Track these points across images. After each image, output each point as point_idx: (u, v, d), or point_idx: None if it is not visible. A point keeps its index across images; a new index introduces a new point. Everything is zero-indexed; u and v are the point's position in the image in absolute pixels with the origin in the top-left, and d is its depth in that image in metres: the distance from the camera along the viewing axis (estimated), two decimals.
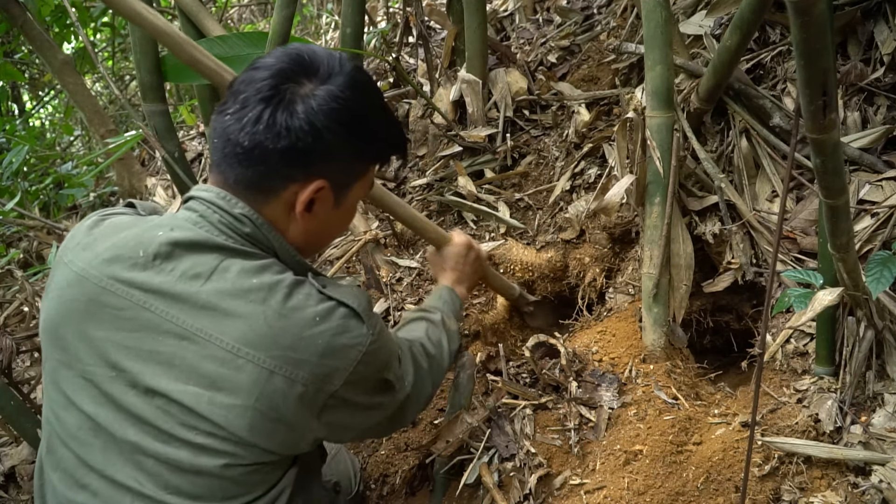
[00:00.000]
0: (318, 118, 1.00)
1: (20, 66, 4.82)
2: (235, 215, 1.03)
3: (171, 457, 0.99)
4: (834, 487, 1.32)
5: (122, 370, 0.99)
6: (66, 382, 1.04)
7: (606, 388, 1.57)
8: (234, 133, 1.01)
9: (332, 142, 1.02)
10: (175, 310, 0.99)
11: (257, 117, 0.99)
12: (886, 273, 1.29)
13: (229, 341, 0.98)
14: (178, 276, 1.00)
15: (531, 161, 2.22)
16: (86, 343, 1.01)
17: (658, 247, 1.64)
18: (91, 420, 1.01)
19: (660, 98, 1.63)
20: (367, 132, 1.07)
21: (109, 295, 1.01)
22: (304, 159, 1.02)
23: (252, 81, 1.02)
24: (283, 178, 1.03)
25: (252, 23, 5.30)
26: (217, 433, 0.98)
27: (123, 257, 1.03)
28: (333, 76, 1.03)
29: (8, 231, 3.76)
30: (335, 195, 1.08)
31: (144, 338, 0.99)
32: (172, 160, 2.24)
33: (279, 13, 1.85)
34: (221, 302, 0.99)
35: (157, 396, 0.98)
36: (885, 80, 1.71)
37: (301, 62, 1.03)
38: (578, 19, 2.56)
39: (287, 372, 0.98)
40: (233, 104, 1.02)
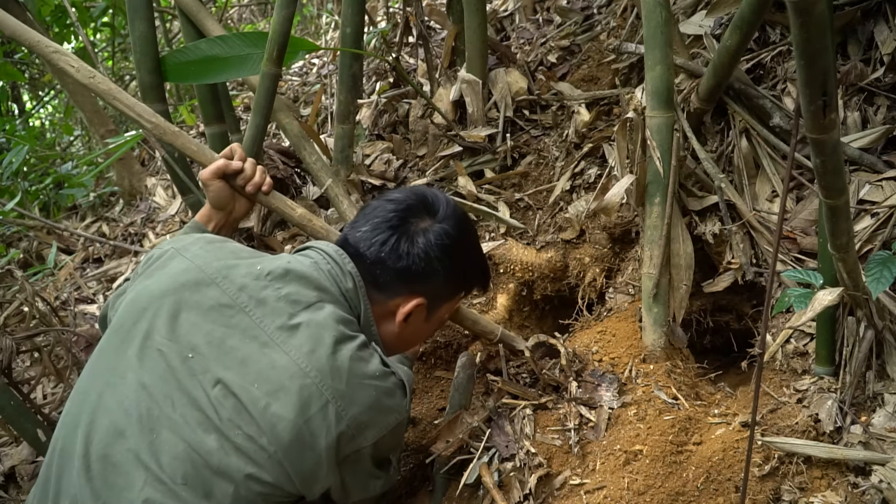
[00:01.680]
0: (432, 250, 1.26)
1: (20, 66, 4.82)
2: (345, 270, 1.24)
3: (205, 447, 1.04)
4: (834, 487, 1.32)
5: (199, 354, 1.09)
6: (135, 350, 1.11)
7: (606, 388, 1.57)
8: (364, 247, 1.25)
9: (437, 269, 1.27)
10: (269, 320, 1.13)
11: (385, 240, 1.24)
12: (886, 273, 1.29)
13: (305, 360, 1.10)
14: (282, 295, 1.16)
15: (531, 161, 2.22)
16: (174, 321, 1.12)
17: (658, 247, 1.64)
18: (144, 390, 1.08)
19: (660, 98, 1.62)
20: (464, 266, 1.35)
21: (218, 290, 1.15)
22: (414, 280, 1.26)
23: (383, 210, 1.27)
24: (392, 290, 1.27)
25: (252, 23, 5.30)
26: (257, 439, 1.05)
27: (242, 266, 1.19)
28: (448, 218, 1.30)
29: (8, 231, 3.77)
30: (428, 311, 1.32)
31: (233, 334, 1.11)
32: (172, 160, 2.24)
33: (279, 13, 1.85)
34: (310, 328, 1.13)
35: (219, 386, 1.07)
36: (885, 80, 1.71)
37: (425, 202, 1.30)
38: (578, 19, 2.56)
39: (340, 406, 1.10)
40: (364, 224, 1.27)
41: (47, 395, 2.52)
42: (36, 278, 3.38)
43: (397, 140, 2.51)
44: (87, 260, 3.56)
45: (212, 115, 2.32)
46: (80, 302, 3.09)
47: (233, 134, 2.48)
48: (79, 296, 3.15)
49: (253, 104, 2.02)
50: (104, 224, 3.86)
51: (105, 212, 4.04)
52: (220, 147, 2.37)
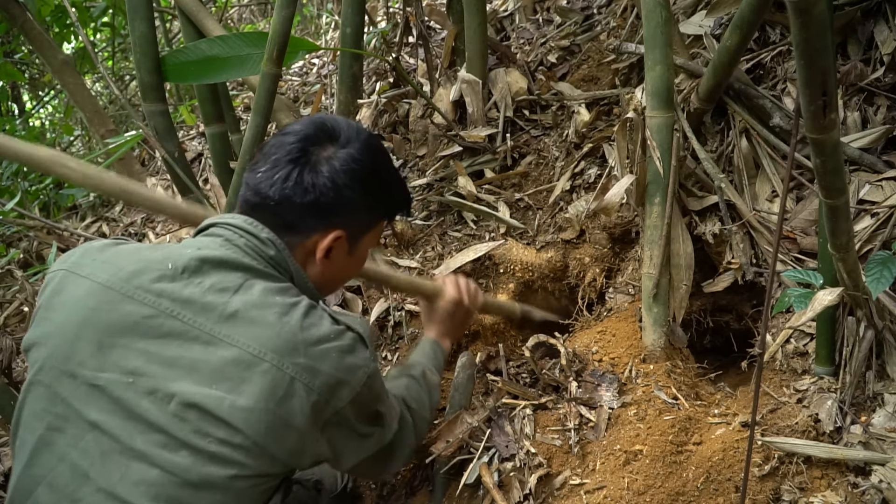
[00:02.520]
0: (339, 177, 1.16)
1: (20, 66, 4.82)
2: (262, 239, 1.14)
3: (179, 466, 0.99)
4: (834, 487, 1.32)
5: (141, 375, 1.02)
6: (68, 391, 1.04)
7: (606, 388, 1.57)
8: (265, 188, 1.15)
9: (350, 197, 1.17)
10: (203, 318, 1.05)
11: (286, 175, 1.14)
12: (886, 273, 1.29)
13: (255, 346, 1.04)
14: (206, 288, 1.07)
15: (531, 161, 2.22)
16: (101, 351, 1.04)
17: (658, 247, 1.64)
18: (95, 429, 1.01)
19: (660, 98, 1.62)
20: (379, 190, 1.24)
21: (135, 304, 1.06)
22: (326, 212, 1.17)
23: (282, 145, 1.17)
24: (306, 228, 1.17)
25: (252, 23, 5.30)
26: (231, 440, 1.00)
27: (151, 269, 1.09)
28: (352, 141, 1.19)
29: (8, 231, 3.77)
30: (350, 244, 1.23)
31: (169, 344, 1.04)
32: (172, 160, 2.24)
33: (279, 13, 1.85)
34: (248, 312, 1.06)
35: (174, 401, 1.01)
36: (885, 80, 1.71)
37: (324, 129, 1.19)
38: (578, 19, 2.56)
39: (306, 379, 1.05)
40: (263, 163, 1.17)
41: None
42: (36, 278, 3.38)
43: (397, 140, 2.51)
44: None
45: (212, 115, 2.32)
46: None
47: (233, 134, 2.48)
48: None
49: (253, 104, 2.02)
50: (104, 224, 3.86)
51: (105, 212, 4.04)
52: (221, 147, 2.37)
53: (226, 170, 2.33)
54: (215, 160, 2.42)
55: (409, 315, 1.98)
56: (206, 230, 1.19)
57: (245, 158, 1.96)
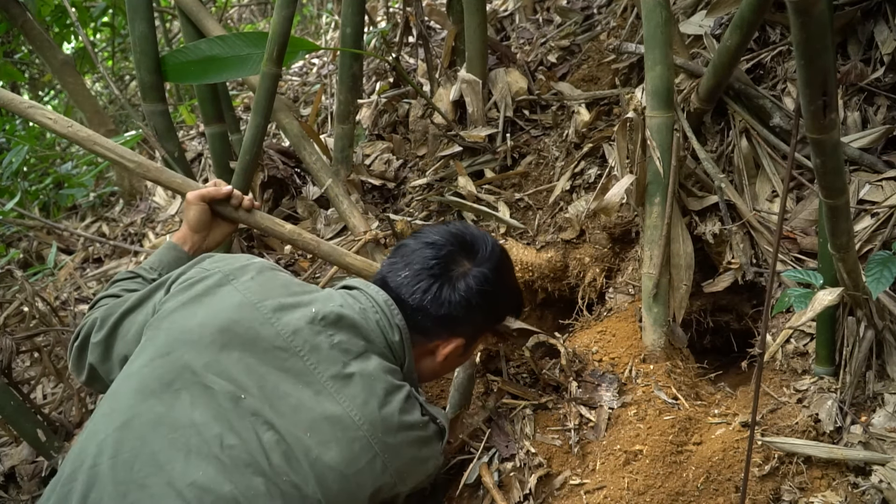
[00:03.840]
0: (473, 296, 1.29)
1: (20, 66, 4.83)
2: (393, 324, 1.25)
3: (251, 490, 1.03)
4: (834, 487, 1.32)
5: (252, 395, 1.09)
6: (183, 383, 1.10)
7: (606, 388, 1.57)
8: (405, 294, 1.28)
9: (477, 314, 1.31)
10: (323, 367, 1.15)
11: (426, 288, 1.27)
12: (886, 273, 1.29)
13: (358, 413, 1.13)
14: (334, 342, 1.18)
15: (531, 161, 2.22)
16: (227, 360, 1.11)
17: (658, 247, 1.64)
18: (193, 427, 1.06)
19: (660, 98, 1.62)
20: (502, 308, 1.42)
21: (273, 331, 1.15)
22: (454, 324, 1.30)
23: (424, 256, 1.30)
24: (433, 334, 1.31)
25: (252, 23, 5.31)
26: (303, 488, 1.06)
27: (297, 308, 1.20)
28: (486, 260, 1.33)
29: (8, 231, 3.77)
30: (465, 348, 1.36)
31: (286, 379, 1.12)
32: (172, 160, 2.24)
33: (279, 13, 1.85)
34: (362, 379, 1.16)
35: (271, 431, 1.07)
36: (885, 80, 1.71)
37: (464, 244, 1.33)
38: (578, 19, 2.56)
39: (387, 459, 1.14)
40: (404, 268, 1.30)
41: (47, 395, 2.52)
42: (36, 278, 3.38)
43: (397, 140, 2.51)
44: (87, 260, 3.56)
45: (212, 114, 2.32)
46: (80, 302, 3.09)
47: (233, 134, 2.48)
48: (79, 296, 3.15)
49: (253, 104, 2.02)
50: (104, 224, 3.87)
51: (105, 212, 4.04)
52: (221, 147, 2.37)
53: (226, 170, 2.33)
54: (215, 160, 2.42)
55: None
56: (352, 290, 1.31)
57: (245, 158, 1.96)
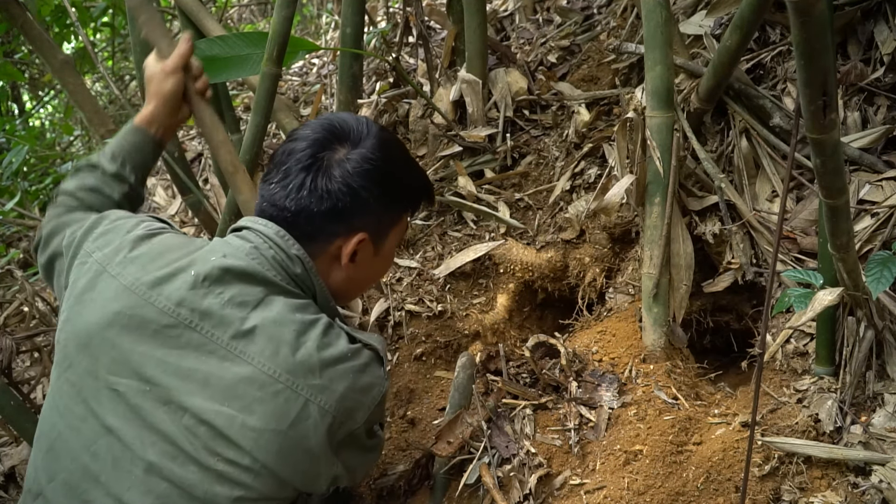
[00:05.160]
0: (353, 180, 1.13)
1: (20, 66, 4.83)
2: (291, 255, 1.12)
3: (186, 481, 0.99)
4: (834, 487, 1.32)
5: (157, 385, 1.02)
6: (89, 392, 1.05)
7: (606, 388, 1.57)
8: (281, 199, 1.13)
9: (367, 198, 1.14)
10: (220, 331, 1.04)
11: (300, 184, 1.12)
12: (886, 273, 1.29)
13: (271, 365, 1.03)
14: (225, 300, 1.06)
15: (531, 161, 2.22)
16: (122, 355, 1.04)
17: (658, 247, 1.64)
18: (110, 434, 1.02)
19: (660, 98, 1.62)
20: (397, 186, 1.21)
21: (156, 311, 1.06)
22: (346, 217, 1.14)
23: (292, 152, 1.14)
24: (327, 234, 1.15)
25: (252, 23, 5.30)
26: (239, 462, 0.99)
27: (174, 276, 1.08)
28: (363, 140, 1.16)
29: (8, 231, 3.77)
30: (374, 244, 1.20)
31: (186, 355, 1.03)
32: (172, 160, 2.24)
33: (279, 13, 1.85)
34: (266, 329, 1.05)
35: (187, 415, 1.00)
36: (885, 80, 1.71)
37: (333, 130, 1.16)
38: (578, 19, 2.56)
39: (321, 401, 1.04)
40: (276, 174, 1.15)
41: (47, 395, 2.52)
42: (36, 278, 3.37)
43: None
44: None
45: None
46: None
47: (233, 134, 2.48)
48: None
49: (253, 104, 2.02)
50: None
51: None
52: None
53: None
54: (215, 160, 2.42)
55: (408, 315, 1.98)
56: (241, 231, 1.17)
57: (245, 158, 1.96)
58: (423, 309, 1.98)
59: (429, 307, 1.98)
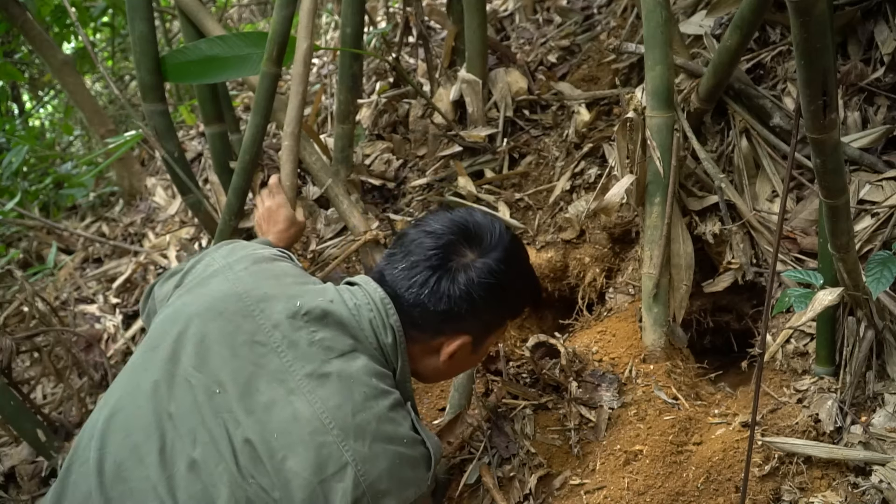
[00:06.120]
0: (475, 289, 1.16)
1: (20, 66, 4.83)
2: (387, 324, 1.16)
3: (217, 490, 0.99)
4: (834, 487, 1.32)
5: (226, 391, 1.04)
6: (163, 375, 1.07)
7: (606, 388, 1.57)
8: (402, 288, 1.17)
9: (483, 308, 1.18)
10: (299, 365, 1.07)
11: (424, 281, 1.16)
12: (886, 273, 1.29)
13: (329, 416, 1.03)
14: (316, 339, 1.10)
15: (531, 161, 2.22)
16: (208, 351, 1.08)
17: (658, 247, 1.64)
18: (170, 420, 1.04)
19: (660, 98, 1.62)
20: (513, 300, 1.25)
21: (254, 323, 1.10)
22: (458, 320, 1.17)
23: (422, 246, 1.18)
24: (435, 331, 1.19)
25: (252, 23, 5.30)
26: (270, 492, 0.99)
27: (281, 299, 1.13)
28: (493, 249, 1.19)
29: (8, 231, 3.77)
30: (474, 346, 1.23)
31: (260, 375, 1.06)
32: (172, 160, 2.24)
33: (279, 13, 1.85)
34: (340, 381, 1.06)
35: (240, 429, 1.02)
36: (885, 80, 1.71)
37: (467, 234, 1.20)
38: (578, 19, 2.56)
39: (360, 471, 1.01)
40: (402, 260, 1.19)
41: (47, 395, 2.53)
42: (36, 278, 3.38)
43: (397, 140, 2.51)
44: (87, 260, 3.57)
45: (212, 114, 2.32)
46: (80, 302, 3.09)
47: (233, 134, 2.48)
48: (79, 296, 3.16)
49: (253, 104, 2.02)
50: (104, 224, 3.87)
51: (105, 212, 4.04)
52: (221, 147, 2.37)
53: (226, 170, 2.33)
54: (215, 160, 2.42)
55: None
56: (353, 286, 1.22)
57: (245, 158, 1.96)
58: None
59: None
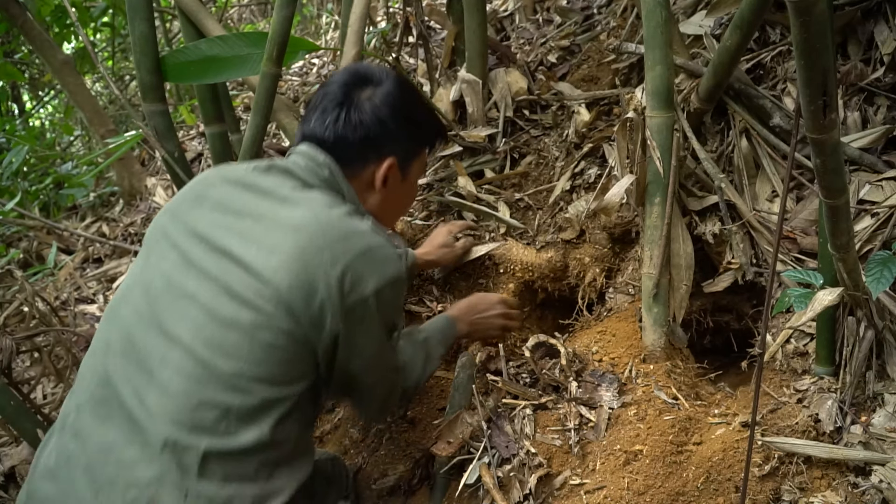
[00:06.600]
0: (381, 111, 1.33)
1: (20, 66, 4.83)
2: (318, 162, 1.32)
3: (217, 308, 1.17)
4: (834, 487, 1.32)
5: (206, 238, 1.24)
6: (155, 255, 1.28)
7: (606, 388, 1.57)
8: (320, 132, 1.34)
9: (393, 128, 1.35)
10: (258, 200, 1.26)
11: (336, 118, 1.33)
12: (886, 273, 1.29)
13: (297, 221, 1.22)
14: (268, 181, 1.29)
15: (531, 161, 2.22)
16: (186, 222, 1.28)
17: (658, 247, 1.64)
18: (165, 278, 1.23)
19: (660, 98, 1.62)
20: (416, 119, 1.42)
21: (214, 189, 1.31)
22: (376, 144, 1.35)
23: (326, 94, 1.36)
24: (362, 161, 1.35)
25: (252, 23, 5.30)
26: (262, 292, 1.16)
27: (231, 169, 1.35)
28: (384, 82, 1.37)
29: (8, 231, 3.77)
30: (402, 171, 1.40)
31: (230, 217, 1.25)
32: (172, 160, 2.24)
33: (279, 13, 1.85)
34: (304, 200, 1.25)
35: (226, 256, 1.20)
36: (885, 80, 1.71)
37: (359, 74, 1.38)
38: (578, 19, 2.56)
39: (337, 252, 1.19)
40: (313, 112, 1.36)
41: (47, 395, 2.52)
42: (36, 278, 3.38)
43: None
44: (87, 260, 3.57)
45: (212, 114, 2.32)
46: (80, 302, 3.09)
47: (233, 134, 2.48)
48: (79, 296, 3.15)
49: (253, 104, 2.02)
50: (104, 224, 3.87)
51: (105, 212, 4.04)
52: (221, 147, 2.37)
53: None
54: (215, 160, 2.42)
55: (409, 315, 1.98)
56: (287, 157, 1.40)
57: (245, 158, 1.96)
58: (423, 309, 1.98)
59: (429, 307, 1.98)
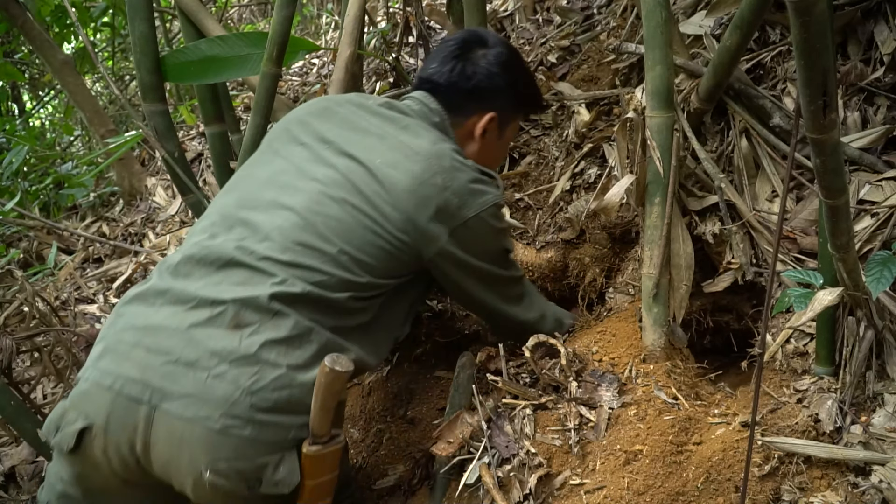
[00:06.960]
0: (492, 66, 1.53)
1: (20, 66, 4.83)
2: (431, 108, 1.52)
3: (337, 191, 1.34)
4: (834, 487, 1.32)
5: (332, 142, 1.42)
6: (285, 148, 1.46)
7: (606, 388, 1.57)
8: (437, 78, 1.53)
9: (500, 85, 1.54)
10: (382, 123, 1.45)
11: (452, 67, 1.53)
12: (886, 273, 1.29)
13: (416, 147, 1.40)
14: (387, 110, 1.48)
15: (531, 161, 2.22)
16: (315, 129, 1.45)
17: (658, 247, 1.64)
18: (294, 165, 1.40)
19: (660, 98, 1.62)
20: (521, 81, 1.61)
21: (341, 108, 1.50)
22: (483, 96, 1.53)
23: (446, 47, 1.57)
24: (468, 110, 1.54)
25: (252, 23, 5.30)
26: (382, 195, 1.34)
27: (356, 96, 1.57)
28: (498, 45, 1.58)
29: (8, 231, 3.77)
30: (500, 127, 1.58)
31: (357, 134, 1.43)
32: (172, 160, 2.24)
33: (279, 13, 1.85)
34: (418, 129, 1.45)
35: (352, 160, 1.38)
36: (885, 80, 1.71)
37: (477, 35, 1.60)
38: (578, 19, 2.56)
39: (446, 178, 1.38)
40: (433, 61, 1.56)
41: (47, 395, 2.52)
42: (36, 278, 3.38)
43: None
44: (87, 260, 3.57)
45: (212, 115, 2.33)
46: (80, 302, 3.09)
47: (233, 134, 2.48)
48: (79, 296, 3.16)
49: (253, 104, 2.02)
50: (104, 224, 3.86)
51: (105, 212, 4.04)
52: (221, 147, 2.37)
53: (226, 170, 2.33)
54: (215, 160, 2.42)
55: None
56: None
57: (245, 158, 1.96)
58: (422, 308, 1.98)
59: (429, 307, 1.98)
